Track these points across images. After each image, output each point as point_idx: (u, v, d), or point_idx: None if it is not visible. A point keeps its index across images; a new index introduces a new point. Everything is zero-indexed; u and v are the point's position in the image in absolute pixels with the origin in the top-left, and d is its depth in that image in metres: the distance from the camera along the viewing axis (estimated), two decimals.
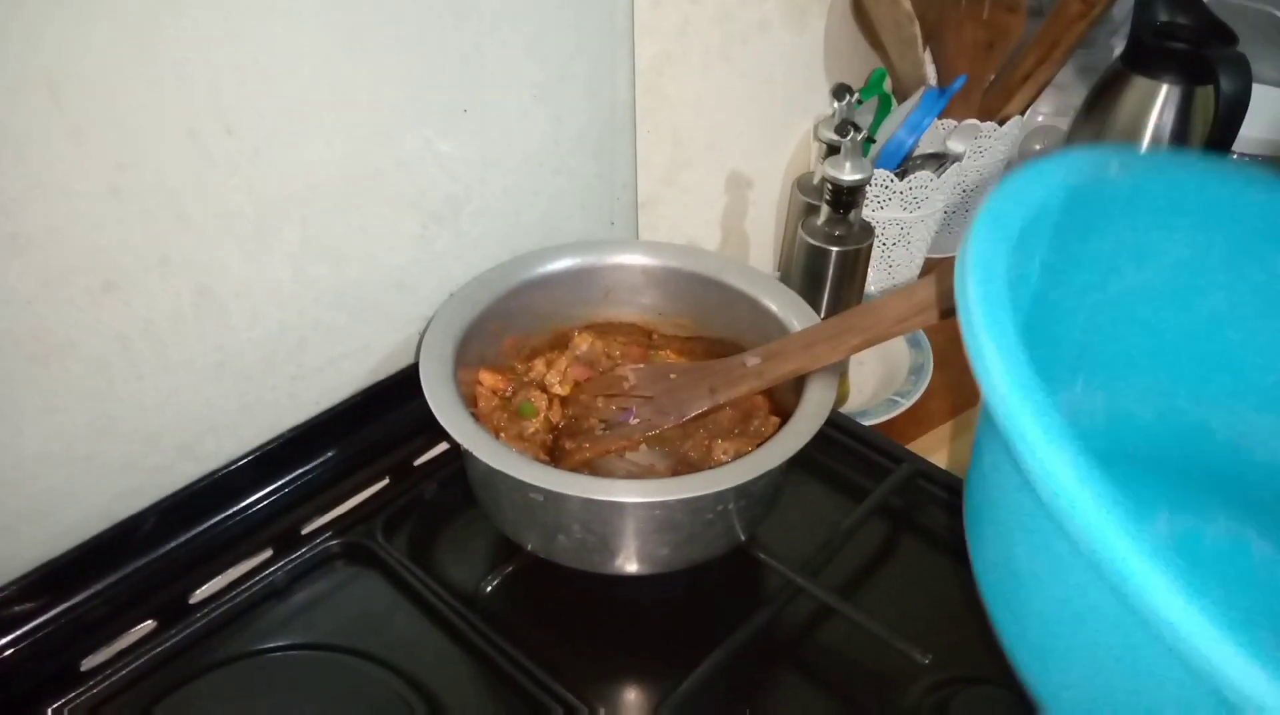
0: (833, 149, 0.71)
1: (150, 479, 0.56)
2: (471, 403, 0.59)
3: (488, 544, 0.60)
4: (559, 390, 0.62)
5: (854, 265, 0.72)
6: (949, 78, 0.83)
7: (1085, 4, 0.81)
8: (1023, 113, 0.87)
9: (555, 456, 0.58)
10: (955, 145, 0.81)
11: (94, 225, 0.47)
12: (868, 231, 0.71)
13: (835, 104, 0.70)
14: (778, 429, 0.56)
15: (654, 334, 0.67)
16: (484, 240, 0.65)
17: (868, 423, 0.69)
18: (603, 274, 0.65)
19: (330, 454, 0.63)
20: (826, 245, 0.70)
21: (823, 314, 0.71)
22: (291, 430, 0.61)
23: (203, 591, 0.56)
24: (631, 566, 0.54)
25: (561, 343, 0.65)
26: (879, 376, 0.78)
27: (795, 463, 0.50)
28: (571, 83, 0.64)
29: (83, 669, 0.52)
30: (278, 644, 0.54)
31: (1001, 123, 0.85)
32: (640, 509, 0.50)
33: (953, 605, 0.57)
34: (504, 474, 0.48)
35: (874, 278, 0.86)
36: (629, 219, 0.75)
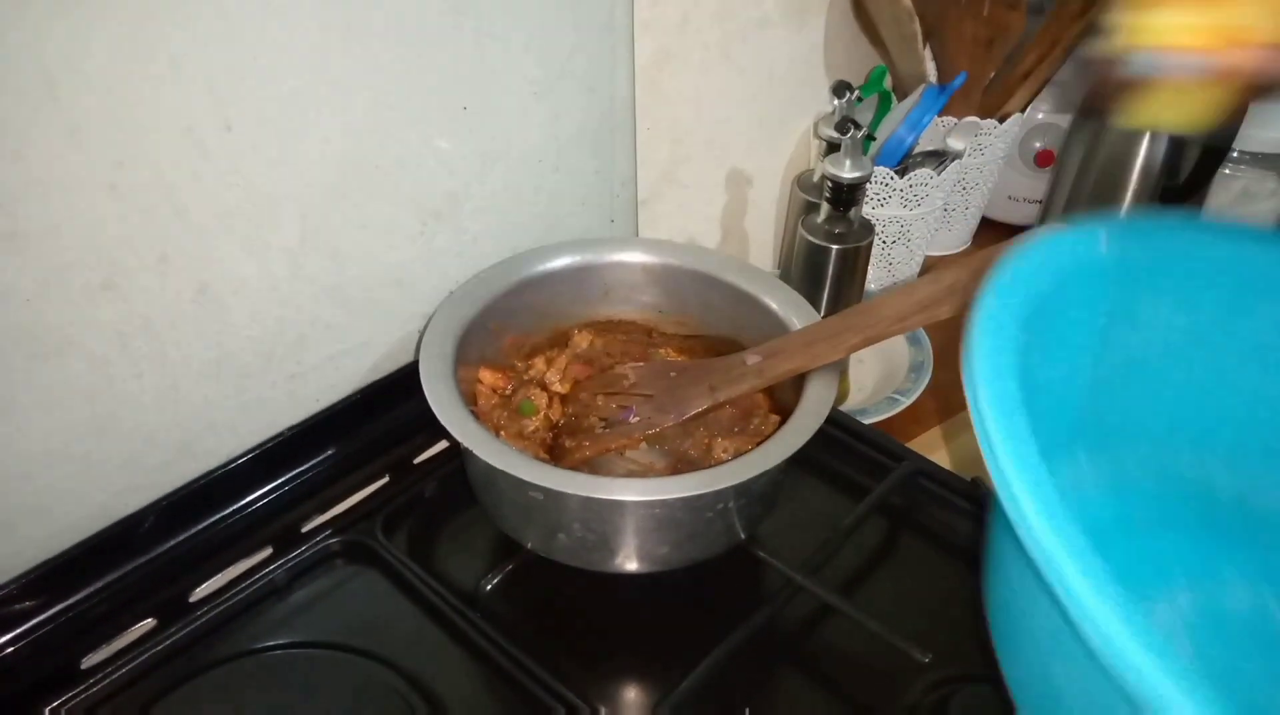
0: (833, 146, 0.71)
1: (150, 477, 0.56)
2: (471, 401, 0.59)
3: (487, 542, 0.60)
4: (559, 388, 0.62)
5: (854, 263, 0.72)
6: (949, 75, 0.82)
7: (1085, 1, 0.81)
8: (1023, 110, 0.87)
9: (555, 455, 0.58)
10: (955, 143, 0.80)
11: (93, 223, 0.47)
12: (868, 229, 0.71)
13: (835, 101, 0.69)
14: (778, 427, 0.56)
15: (654, 332, 0.66)
16: (483, 238, 0.65)
17: (867, 421, 0.69)
18: (602, 272, 0.65)
19: (330, 452, 0.63)
20: (826, 243, 0.70)
21: (823, 312, 0.71)
22: (291, 428, 0.61)
23: (202, 590, 0.56)
24: (631, 565, 0.54)
25: (561, 341, 0.65)
26: (879, 374, 0.78)
27: (795, 461, 0.50)
28: (571, 80, 0.64)
29: (83, 667, 0.52)
30: (277, 642, 0.54)
31: (1002, 120, 0.85)
32: (640, 507, 0.50)
33: (953, 604, 0.57)
34: (504, 472, 0.48)
35: (874, 275, 0.86)
36: (629, 216, 0.75)
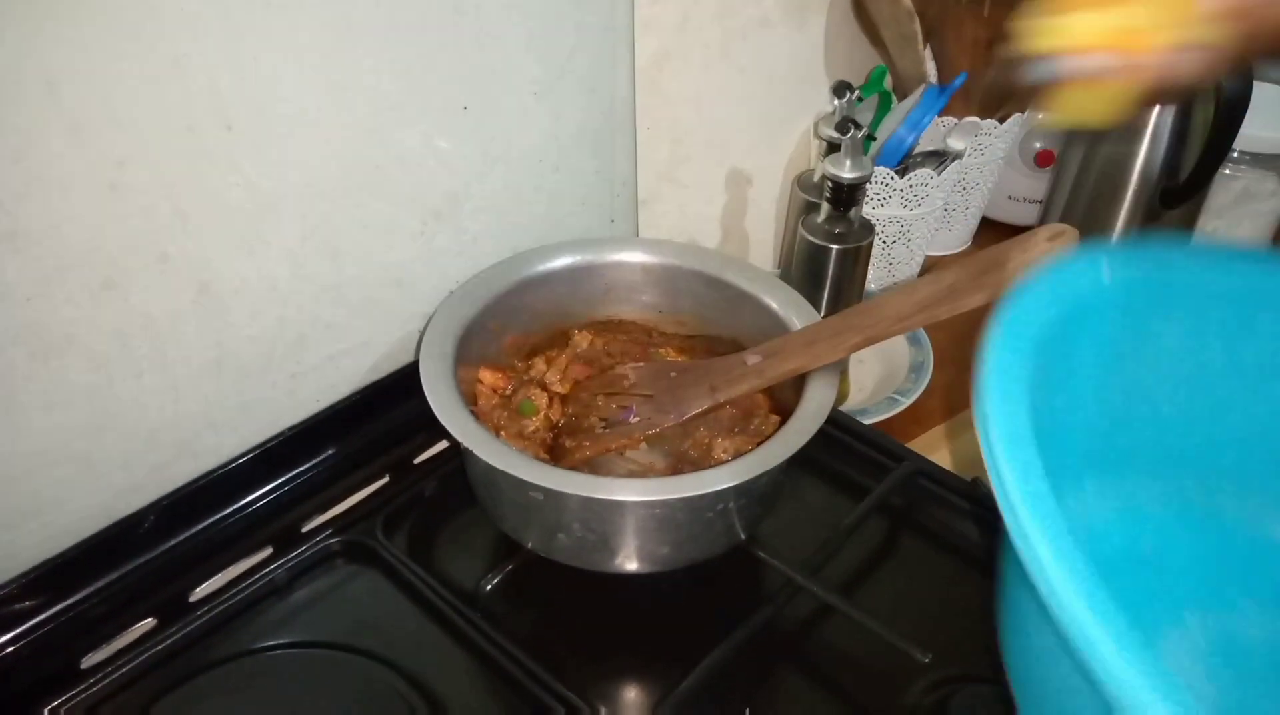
0: (833, 146, 0.71)
1: (150, 476, 0.56)
2: (471, 401, 0.59)
3: (488, 542, 0.60)
4: (559, 388, 0.62)
5: (854, 263, 0.72)
6: (949, 75, 0.82)
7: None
8: (1023, 110, 0.87)
9: (555, 455, 0.58)
10: (955, 143, 0.81)
11: (93, 222, 0.47)
12: (868, 229, 0.71)
13: (836, 101, 0.69)
14: (778, 427, 0.56)
15: (654, 332, 0.66)
16: (484, 237, 0.65)
17: (868, 421, 0.69)
18: (603, 272, 0.65)
19: (330, 452, 0.63)
20: (827, 243, 0.70)
21: (823, 312, 0.71)
22: (291, 428, 0.61)
23: (202, 589, 0.56)
24: (631, 565, 0.54)
25: (562, 341, 0.65)
26: (879, 374, 0.78)
27: (795, 461, 0.50)
28: (571, 79, 0.64)
29: (83, 667, 0.52)
30: (277, 642, 0.54)
31: (1002, 120, 0.85)
32: (640, 507, 0.50)
33: (953, 604, 0.57)
34: (504, 472, 0.48)
35: (874, 275, 0.86)
36: (629, 216, 0.75)
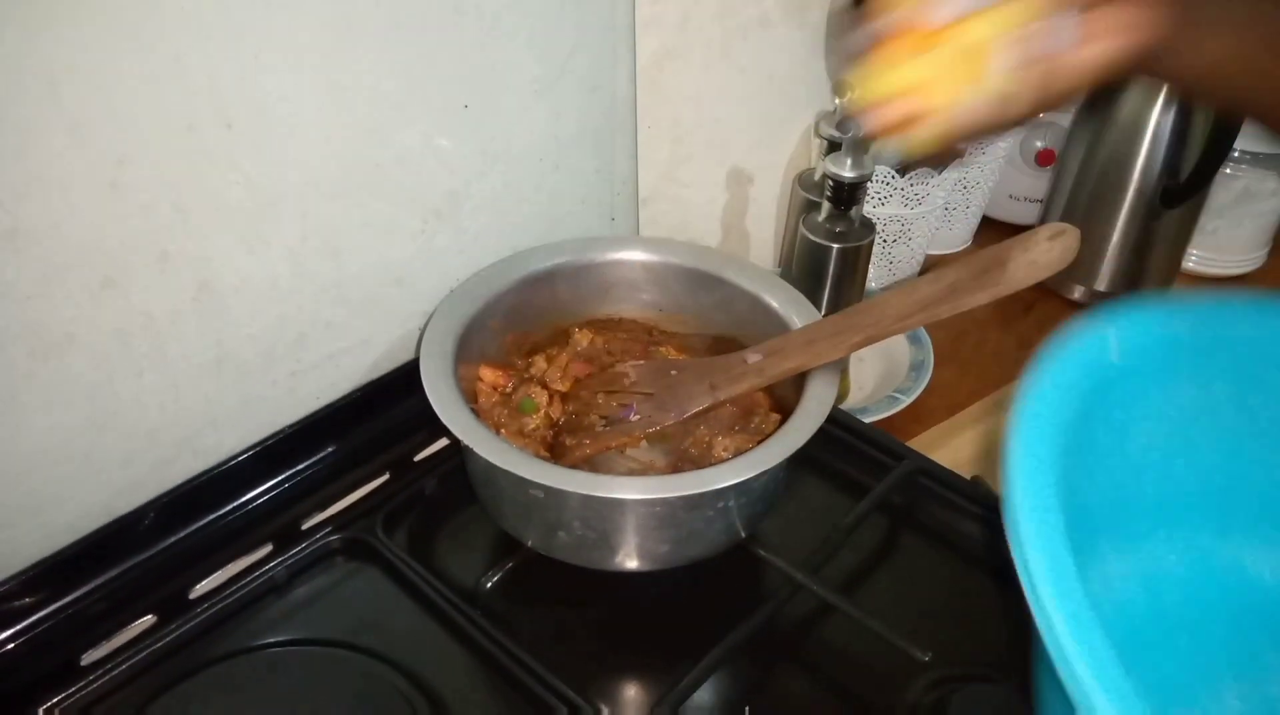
0: (834, 145, 0.71)
1: (150, 474, 0.56)
2: (472, 399, 0.59)
3: (488, 540, 0.60)
4: (559, 386, 0.62)
5: (855, 262, 0.72)
6: None
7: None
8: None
9: (555, 453, 0.58)
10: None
11: (93, 220, 0.47)
12: (869, 228, 0.71)
13: (836, 100, 0.69)
14: (778, 426, 0.56)
15: (654, 330, 0.66)
16: (484, 236, 0.65)
17: (868, 420, 0.69)
18: (603, 270, 0.65)
19: (330, 449, 0.63)
20: (827, 242, 0.70)
21: (823, 311, 0.71)
22: (291, 425, 0.61)
23: (202, 587, 0.56)
24: (631, 563, 0.54)
25: (562, 339, 0.65)
26: (879, 373, 0.78)
27: (796, 459, 0.50)
28: (572, 78, 0.64)
29: (83, 664, 0.52)
30: (277, 639, 0.54)
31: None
32: (640, 506, 0.50)
33: (953, 603, 0.57)
34: (504, 470, 0.48)
35: (875, 274, 0.86)
36: (629, 215, 0.75)
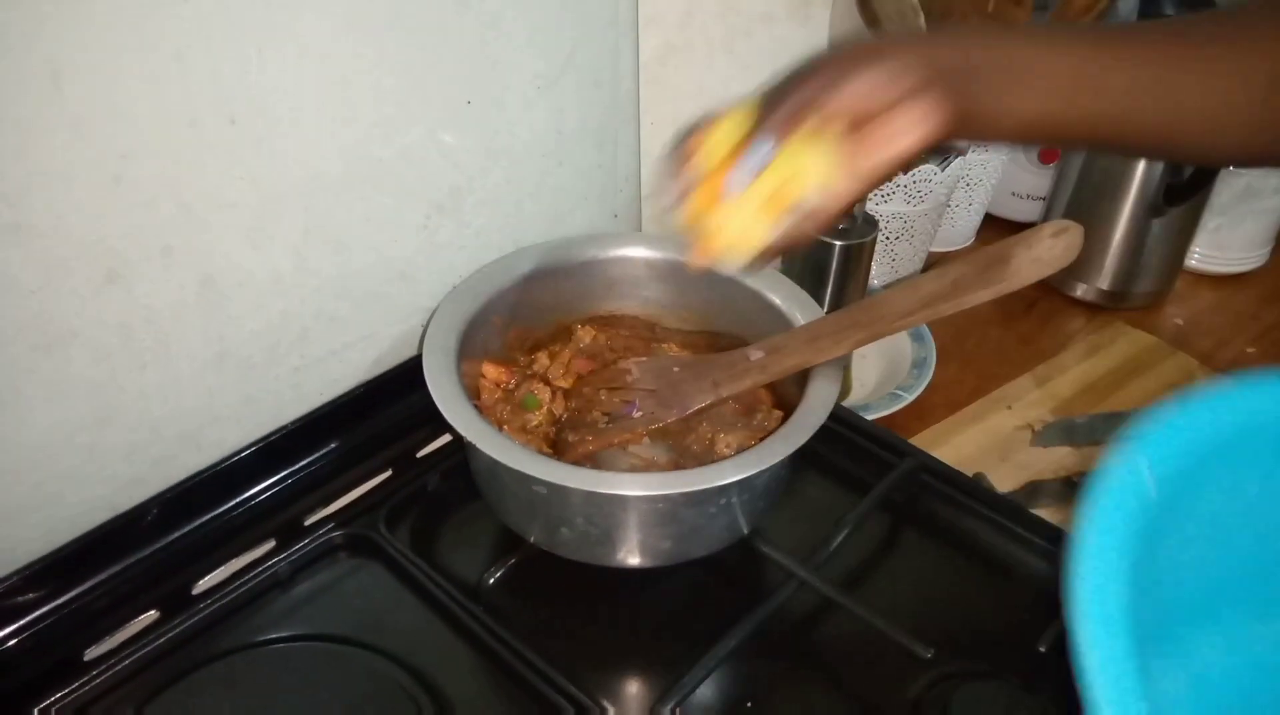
0: None
1: (153, 469, 0.56)
2: (474, 395, 0.59)
3: (490, 536, 0.60)
4: (562, 383, 0.62)
5: (857, 259, 0.71)
6: None
7: None
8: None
9: (558, 449, 0.58)
10: None
11: (96, 215, 0.47)
12: (871, 225, 0.71)
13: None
14: (781, 423, 0.56)
15: (657, 327, 0.66)
16: (487, 231, 0.65)
17: (870, 417, 0.69)
18: (606, 267, 0.65)
19: (333, 445, 0.63)
20: (830, 239, 0.70)
21: (826, 308, 0.71)
22: (294, 421, 0.61)
23: (205, 582, 0.56)
24: (634, 559, 0.54)
25: (564, 335, 0.65)
26: (881, 370, 0.78)
27: (798, 456, 0.50)
28: (575, 74, 0.64)
29: (85, 659, 0.52)
30: (280, 635, 0.54)
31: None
32: (643, 502, 0.50)
33: (955, 600, 0.57)
34: (507, 466, 0.48)
35: (877, 272, 0.86)
36: (632, 211, 0.74)
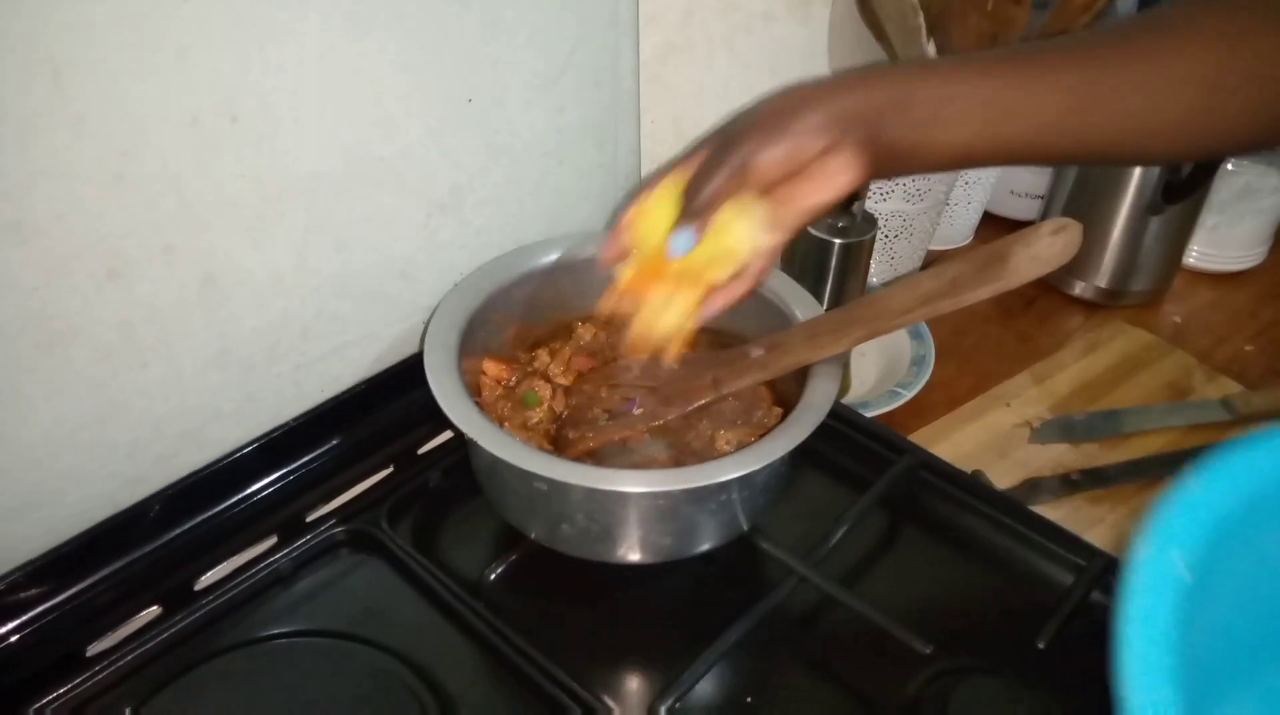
0: None
1: (155, 466, 0.56)
2: (475, 392, 0.59)
3: (491, 532, 0.60)
4: (562, 380, 0.62)
5: (857, 257, 0.72)
6: None
7: None
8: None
9: (558, 446, 0.58)
10: None
11: (98, 212, 0.47)
12: (871, 223, 0.71)
13: None
14: (781, 420, 0.56)
15: None
16: (488, 230, 0.65)
17: (869, 414, 0.70)
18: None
19: (334, 442, 0.63)
20: (830, 237, 0.70)
21: (825, 305, 0.71)
22: (296, 418, 0.61)
23: (208, 578, 0.56)
24: (634, 556, 0.54)
25: (565, 333, 0.65)
26: (881, 368, 0.78)
27: (798, 453, 0.51)
28: (575, 72, 0.64)
29: (88, 655, 0.52)
30: (282, 631, 0.54)
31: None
32: (643, 499, 0.50)
33: (954, 596, 0.57)
34: (508, 463, 0.49)
35: (877, 270, 0.86)
36: None
